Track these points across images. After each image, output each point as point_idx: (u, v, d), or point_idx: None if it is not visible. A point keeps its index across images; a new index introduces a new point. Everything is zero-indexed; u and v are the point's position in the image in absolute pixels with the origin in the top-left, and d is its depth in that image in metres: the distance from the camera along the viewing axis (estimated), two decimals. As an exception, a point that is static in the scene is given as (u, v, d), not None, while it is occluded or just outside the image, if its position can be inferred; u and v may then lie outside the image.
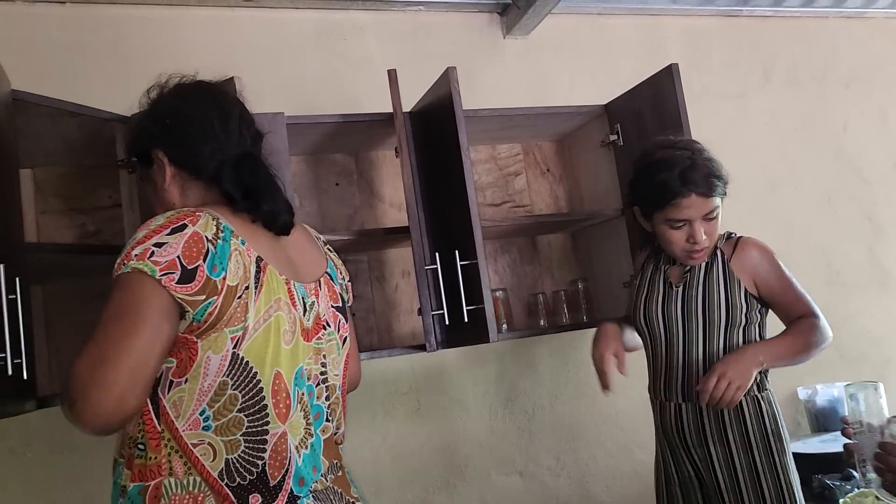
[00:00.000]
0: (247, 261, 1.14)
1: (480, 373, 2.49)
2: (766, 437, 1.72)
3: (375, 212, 2.44)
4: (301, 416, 1.16)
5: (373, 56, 2.53)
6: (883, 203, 3.16)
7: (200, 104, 1.27)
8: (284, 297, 1.18)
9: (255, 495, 1.10)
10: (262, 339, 1.14)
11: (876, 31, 3.29)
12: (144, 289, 1.07)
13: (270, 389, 1.13)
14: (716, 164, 1.76)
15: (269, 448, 1.12)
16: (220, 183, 1.21)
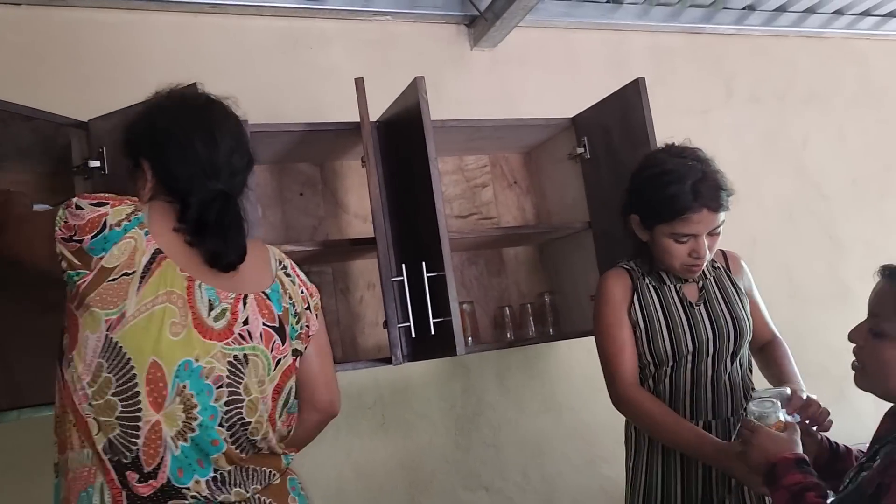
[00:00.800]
0: (140, 250, 1.17)
1: (446, 387, 2.46)
2: None
3: (340, 222, 2.40)
4: (180, 409, 1.15)
5: (339, 65, 2.50)
6: (841, 219, 3.22)
7: (196, 130, 1.28)
8: (180, 292, 1.19)
9: (131, 472, 1.13)
10: (143, 327, 1.15)
11: (834, 51, 3.37)
12: (49, 219, 1.19)
13: (145, 378, 1.14)
14: (724, 176, 1.69)
15: (143, 435, 1.13)
16: (185, 207, 1.23)
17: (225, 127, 1.30)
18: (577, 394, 2.56)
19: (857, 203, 3.26)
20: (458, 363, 2.48)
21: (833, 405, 3.03)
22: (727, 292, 1.75)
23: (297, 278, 1.39)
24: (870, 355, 1.25)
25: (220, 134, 1.28)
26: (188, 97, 1.34)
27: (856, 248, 3.21)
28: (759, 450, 1.32)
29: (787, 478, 1.25)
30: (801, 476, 1.25)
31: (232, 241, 1.24)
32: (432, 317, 1.81)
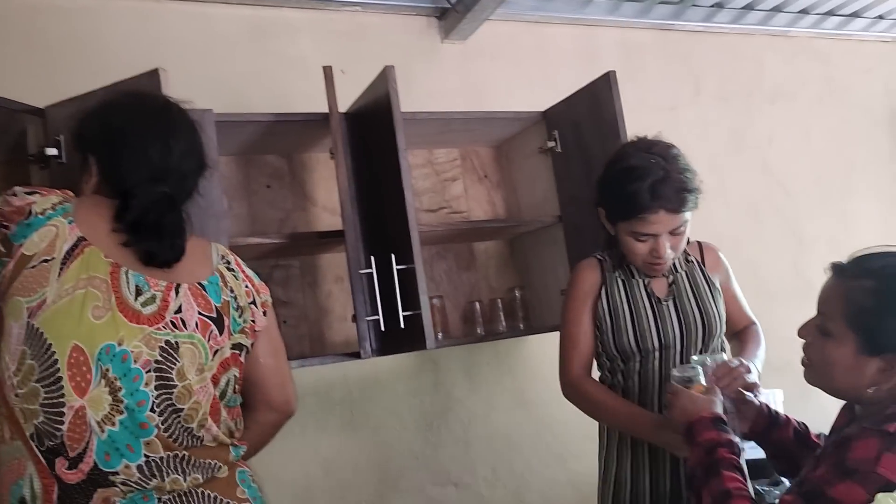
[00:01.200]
0: (62, 237, 1.16)
1: (415, 382, 2.44)
2: None
3: (308, 215, 2.36)
4: (105, 392, 1.14)
5: (307, 56, 2.45)
6: (805, 217, 3.26)
7: (150, 134, 1.27)
8: (103, 277, 1.18)
9: (60, 458, 1.12)
10: (64, 312, 1.14)
11: (799, 50, 3.41)
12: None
13: (66, 362, 1.13)
14: (690, 175, 1.63)
15: (68, 420, 1.12)
16: (124, 208, 1.22)
17: (180, 132, 1.30)
18: (546, 389, 2.54)
19: (820, 201, 3.31)
20: (427, 359, 2.46)
21: (798, 400, 3.10)
22: (698, 288, 1.73)
23: (242, 273, 1.38)
24: (816, 352, 1.26)
25: (175, 139, 1.28)
26: (146, 98, 1.35)
27: (819, 245, 3.26)
28: (680, 411, 1.37)
29: (702, 435, 1.29)
30: (715, 433, 1.28)
31: (168, 242, 1.24)
32: (402, 310, 1.78)
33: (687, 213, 1.62)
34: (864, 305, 1.17)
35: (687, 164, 1.65)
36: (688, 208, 1.61)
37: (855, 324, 1.18)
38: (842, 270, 1.24)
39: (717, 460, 1.25)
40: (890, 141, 3.55)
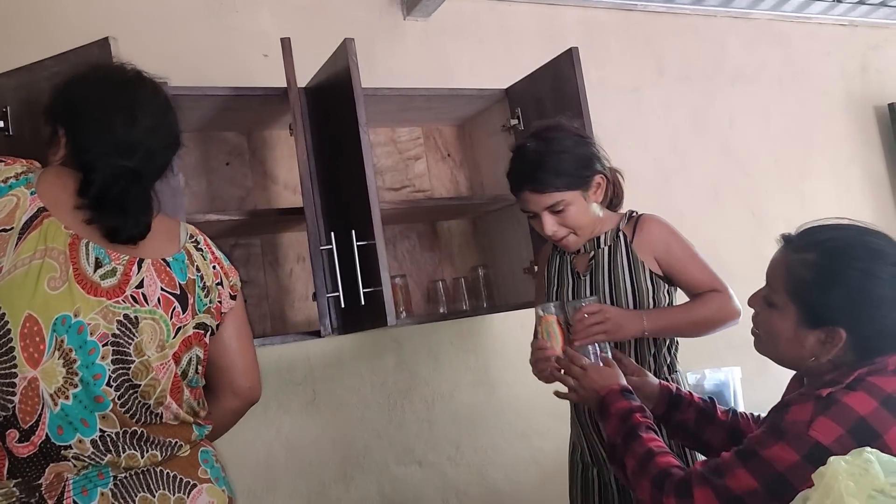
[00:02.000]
0: (23, 208, 1.14)
1: (378, 362, 2.43)
2: None
3: (269, 194, 2.32)
4: (60, 364, 1.11)
5: (267, 31, 2.41)
6: (764, 197, 3.31)
7: (116, 106, 1.25)
8: (61, 248, 1.15)
9: (11, 431, 1.09)
10: (19, 282, 1.11)
11: (759, 33, 3.45)
12: None
13: (19, 332, 1.10)
14: (556, 157, 1.65)
15: (20, 391, 1.09)
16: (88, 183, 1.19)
17: (149, 106, 1.27)
18: (510, 367, 2.56)
19: (779, 182, 3.36)
20: (390, 338, 2.45)
21: (756, 377, 3.17)
22: (616, 265, 1.72)
23: (211, 254, 1.36)
24: (763, 323, 1.28)
25: (143, 113, 1.25)
26: (114, 71, 1.33)
27: (777, 225, 3.27)
28: (588, 388, 1.44)
29: (614, 406, 1.36)
30: (626, 402, 1.36)
31: (133, 219, 1.21)
32: (363, 287, 1.77)
33: (558, 193, 1.65)
34: (805, 278, 1.18)
35: (564, 147, 1.68)
36: (553, 188, 1.65)
37: (796, 296, 1.19)
38: (788, 242, 1.25)
39: (633, 426, 1.30)
40: (846, 123, 3.62)
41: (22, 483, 1.08)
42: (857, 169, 3.60)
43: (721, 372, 2.87)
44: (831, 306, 1.16)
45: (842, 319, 1.15)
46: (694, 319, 1.68)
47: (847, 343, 1.15)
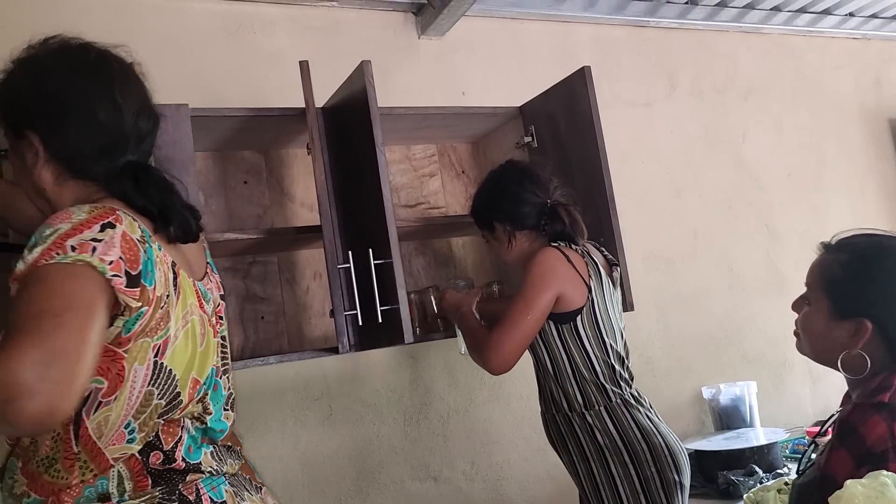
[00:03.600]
0: (164, 267, 1.08)
1: (394, 377, 2.44)
2: (600, 451, 1.79)
3: (286, 212, 2.35)
4: (197, 403, 1.18)
5: (284, 51, 2.44)
6: (778, 210, 3.31)
7: (91, 88, 1.11)
8: (194, 300, 1.15)
9: (156, 453, 1.09)
10: (182, 346, 1.11)
11: (772, 47, 3.46)
12: (94, 284, 0.97)
13: (188, 393, 1.13)
14: (476, 198, 2.01)
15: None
16: (128, 199, 1.10)
17: (126, 86, 1.15)
18: (525, 382, 2.56)
19: (792, 195, 3.36)
20: (405, 354, 2.47)
21: (772, 391, 3.16)
22: None
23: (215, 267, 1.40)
24: (800, 321, 1.40)
25: (123, 96, 1.13)
26: (75, 52, 1.14)
27: (791, 238, 3.31)
28: (449, 302, 1.99)
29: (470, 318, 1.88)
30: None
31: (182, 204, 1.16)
32: (380, 304, 1.79)
33: (486, 229, 1.98)
34: (836, 274, 1.32)
35: (482, 190, 2.01)
36: (479, 225, 2.01)
37: (828, 290, 1.32)
38: (826, 248, 1.39)
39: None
40: (859, 136, 3.62)
41: (165, 489, 1.08)
42: (872, 181, 3.60)
43: (736, 386, 2.87)
44: (859, 299, 1.28)
45: (869, 311, 1.27)
46: (476, 342, 1.84)
47: (874, 335, 1.26)
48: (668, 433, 1.83)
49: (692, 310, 3.02)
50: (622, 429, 1.79)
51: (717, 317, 3.08)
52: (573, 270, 1.80)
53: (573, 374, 1.82)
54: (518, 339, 1.75)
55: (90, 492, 1.04)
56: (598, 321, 1.82)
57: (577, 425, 1.83)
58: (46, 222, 1.00)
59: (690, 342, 3.00)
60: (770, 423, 2.95)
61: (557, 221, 1.88)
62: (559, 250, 1.82)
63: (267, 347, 2.23)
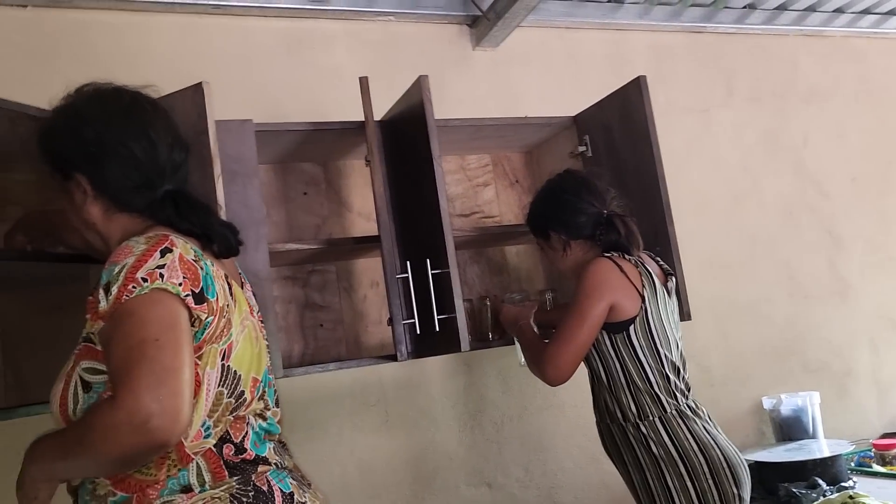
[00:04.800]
0: (221, 280, 1.20)
1: (449, 384, 2.48)
2: (655, 462, 1.79)
3: (344, 221, 2.41)
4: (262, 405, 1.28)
5: (342, 65, 2.51)
6: (841, 216, 3.23)
7: (127, 131, 1.23)
8: (245, 307, 1.27)
9: (228, 445, 1.18)
10: (242, 349, 1.22)
11: (834, 50, 3.38)
12: (173, 305, 1.09)
13: (250, 392, 1.23)
14: (533, 206, 2.03)
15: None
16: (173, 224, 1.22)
17: (158, 123, 1.26)
18: (579, 390, 2.54)
19: (857, 200, 3.28)
20: (460, 361, 2.50)
21: (835, 401, 3.08)
22: None
23: None
24: None
25: (156, 132, 1.24)
26: (109, 98, 1.27)
27: (856, 245, 3.23)
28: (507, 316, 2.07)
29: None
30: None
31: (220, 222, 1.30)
32: (437, 313, 1.82)
33: (542, 237, 2.00)
34: None
35: (539, 198, 2.03)
36: (534, 234, 2.03)
37: None
38: None
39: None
40: (928, 139, 3.50)
41: (241, 479, 1.17)
42: (941, 186, 3.48)
43: (798, 397, 2.81)
44: None
45: None
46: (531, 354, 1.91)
47: None
48: (726, 445, 1.82)
49: (751, 318, 2.97)
50: (677, 440, 1.78)
51: (778, 325, 3.03)
52: (626, 280, 1.80)
53: (627, 384, 1.83)
54: (573, 352, 1.78)
55: (173, 483, 1.13)
56: (652, 331, 1.82)
57: (631, 436, 1.83)
58: (111, 260, 1.12)
59: (749, 351, 2.95)
60: (834, 434, 2.88)
61: (613, 232, 1.89)
62: (612, 260, 1.83)
63: (325, 354, 2.30)
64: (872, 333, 3.15)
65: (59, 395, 1.16)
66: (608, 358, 1.84)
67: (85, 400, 1.14)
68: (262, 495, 1.16)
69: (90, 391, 1.14)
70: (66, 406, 1.14)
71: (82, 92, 1.27)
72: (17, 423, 1.89)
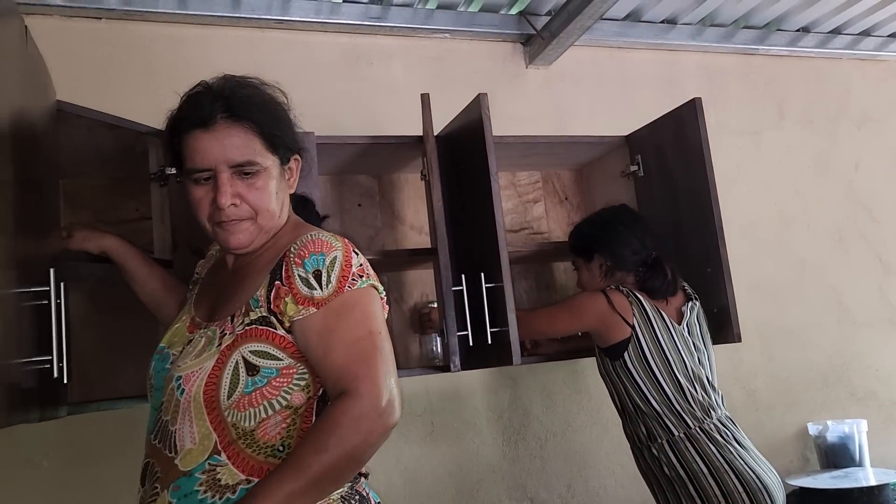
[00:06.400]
0: None
1: (494, 398, 2.50)
2: (670, 483, 1.89)
3: (396, 233, 2.46)
4: None
5: (398, 81, 2.57)
6: (893, 243, 3.19)
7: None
8: None
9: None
10: None
11: (889, 74, 3.35)
12: (379, 302, 1.19)
13: None
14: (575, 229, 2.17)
15: None
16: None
17: None
18: (623, 409, 2.58)
19: (909, 228, 3.24)
20: (505, 375, 2.52)
21: (881, 430, 3.03)
22: None
23: None
24: None
25: None
26: None
27: (907, 272, 3.18)
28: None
29: None
30: None
31: None
32: (490, 326, 1.85)
33: (573, 256, 2.12)
34: None
35: (593, 220, 2.13)
36: (571, 250, 2.13)
37: None
38: None
39: None
40: (984, 167, 3.44)
41: (350, 485, 1.20)
42: None
43: (845, 424, 2.77)
44: None
45: None
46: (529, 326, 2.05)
47: None
48: (749, 471, 1.83)
49: (798, 343, 2.94)
50: (685, 463, 1.85)
51: (825, 351, 2.99)
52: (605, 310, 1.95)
53: (634, 408, 1.94)
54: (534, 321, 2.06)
55: None
56: (647, 357, 1.91)
57: (647, 457, 1.94)
58: (311, 250, 1.16)
59: (796, 376, 2.92)
60: (880, 464, 2.83)
61: (659, 275, 1.98)
62: (604, 294, 1.96)
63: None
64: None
65: (206, 374, 1.13)
66: (616, 383, 1.97)
67: (248, 384, 1.13)
68: (365, 501, 1.19)
69: (257, 374, 1.13)
70: (218, 387, 1.13)
71: None
72: (82, 420, 1.97)
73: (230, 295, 1.25)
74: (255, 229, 1.25)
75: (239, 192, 1.23)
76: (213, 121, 1.23)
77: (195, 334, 1.23)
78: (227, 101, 1.24)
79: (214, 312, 1.26)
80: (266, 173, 1.25)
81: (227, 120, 1.23)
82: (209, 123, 1.23)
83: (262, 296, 1.16)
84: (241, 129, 1.24)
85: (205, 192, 1.24)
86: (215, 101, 1.25)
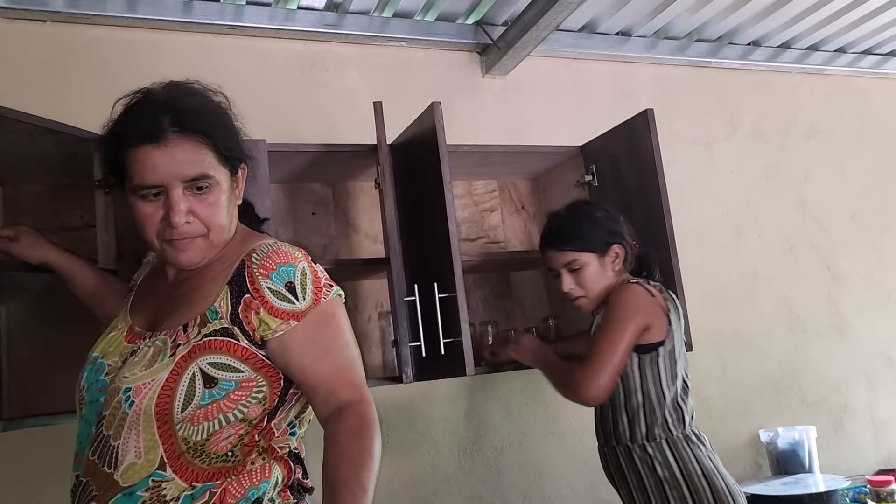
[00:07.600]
0: None
1: (450, 408, 2.48)
2: (660, 484, 1.82)
3: (351, 242, 2.43)
4: None
5: (354, 89, 2.55)
6: (840, 252, 3.27)
7: None
8: None
9: (299, 466, 1.24)
10: None
11: (836, 88, 3.44)
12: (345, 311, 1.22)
13: None
14: (576, 221, 1.93)
15: None
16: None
17: None
18: (579, 418, 2.58)
19: (856, 237, 3.32)
20: (461, 385, 2.51)
21: (832, 437, 3.08)
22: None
23: None
24: None
25: None
26: None
27: (854, 281, 3.26)
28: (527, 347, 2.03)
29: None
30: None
31: None
32: (443, 337, 1.84)
33: (572, 253, 1.90)
34: None
35: (589, 216, 1.95)
36: (568, 248, 1.91)
37: None
38: None
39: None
40: (927, 179, 3.55)
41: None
42: (939, 225, 3.52)
43: (795, 430, 2.82)
44: None
45: None
46: (561, 379, 1.87)
47: None
48: (727, 475, 1.84)
49: (750, 351, 2.99)
50: (682, 463, 1.81)
51: (776, 359, 3.04)
52: (657, 306, 1.85)
53: (643, 405, 1.85)
54: (612, 370, 1.77)
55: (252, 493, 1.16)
56: (676, 357, 1.86)
57: (637, 458, 1.85)
58: (277, 262, 1.16)
59: (748, 384, 2.96)
60: (829, 469, 2.88)
61: (654, 269, 1.99)
62: (642, 286, 1.88)
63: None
64: (869, 370, 3.17)
65: (160, 385, 1.10)
66: (630, 378, 1.85)
67: (206, 396, 1.10)
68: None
69: (215, 387, 1.10)
70: (172, 399, 1.09)
71: None
72: (19, 435, 1.89)
73: (178, 304, 1.21)
74: (206, 245, 1.22)
75: (191, 208, 1.19)
76: (163, 136, 1.17)
77: (138, 344, 1.18)
78: (176, 114, 1.19)
79: (158, 322, 1.21)
80: (218, 187, 1.22)
81: (178, 135, 1.18)
82: (160, 138, 1.17)
83: (223, 307, 1.14)
84: (192, 142, 1.19)
85: (153, 209, 1.19)
86: (163, 114, 1.19)
